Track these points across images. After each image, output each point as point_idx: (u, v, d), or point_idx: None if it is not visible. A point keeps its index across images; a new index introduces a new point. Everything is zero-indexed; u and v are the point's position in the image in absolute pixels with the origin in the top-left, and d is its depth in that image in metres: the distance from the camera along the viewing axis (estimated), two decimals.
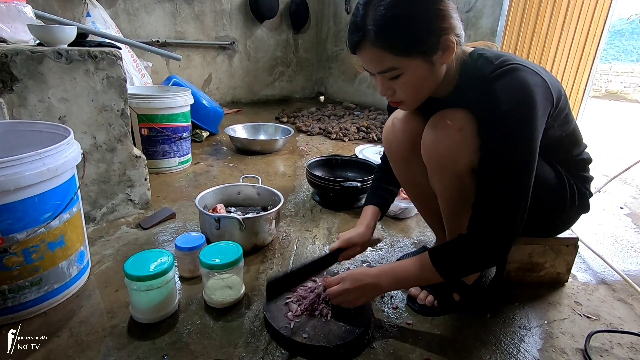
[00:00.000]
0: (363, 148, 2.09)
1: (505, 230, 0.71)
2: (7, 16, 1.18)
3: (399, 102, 0.78)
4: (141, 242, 1.16)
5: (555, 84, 0.75)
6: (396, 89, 0.74)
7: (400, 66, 0.69)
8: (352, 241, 0.92)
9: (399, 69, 0.70)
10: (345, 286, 0.80)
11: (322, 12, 4.12)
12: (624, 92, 7.48)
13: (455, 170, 0.77)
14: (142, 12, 3.12)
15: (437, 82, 0.75)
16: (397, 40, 0.66)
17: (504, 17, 2.44)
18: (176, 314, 0.86)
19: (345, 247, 0.92)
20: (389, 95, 0.76)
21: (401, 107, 0.81)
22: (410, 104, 0.78)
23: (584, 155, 0.90)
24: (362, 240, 0.93)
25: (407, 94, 0.74)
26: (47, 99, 1.07)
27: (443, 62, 0.72)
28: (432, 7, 0.66)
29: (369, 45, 0.68)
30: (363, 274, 0.81)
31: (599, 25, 2.58)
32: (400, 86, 0.73)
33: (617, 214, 1.56)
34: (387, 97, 0.78)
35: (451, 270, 0.75)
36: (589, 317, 0.92)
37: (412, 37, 0.67)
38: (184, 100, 1.75)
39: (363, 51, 0.70)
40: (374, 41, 0.67)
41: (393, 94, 0.75)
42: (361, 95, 3.79)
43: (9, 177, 0.70)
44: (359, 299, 0.80)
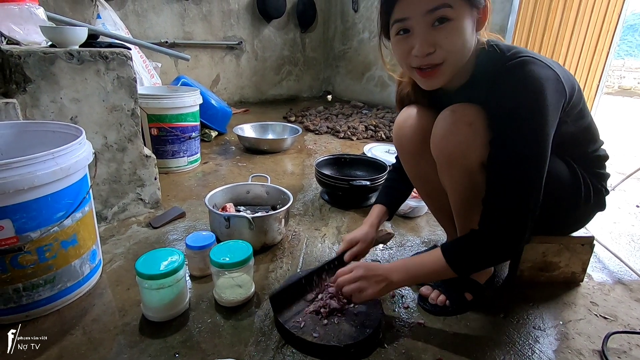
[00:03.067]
0: (372, 146, 2.07)
1: (517, 224, 0.70)
2: (20, 18, 1.20)
3: (434, 68, 0.70)
4: (152, 241, 1.17)
5: (568, 77, 0.74)
6: (440, 41, 0.67)
7: (455, 5, 0.65)
8: (355, 240, 0.93)
9: (453, 8, 0.65)
10: (358, 273, 0.79)
11: (329, 11, 4.11)
12: (637, 89, 7.32)
13: (465, 166, 0.76)
14: (151, 13, 3.15)
15: (469, 54, 0.71)
16: None
17: (515, 13, 2.40)
18: (187, 312, 0.86)
19: (349, 247, 0.93)
20: (428, 53, 0.68)
21: (432, 76, 0.72)
22: (447, 68, 0.70)
23: (600, 152, 0.88)
24: (366, 238, 0.94)
25: (452, 46, 0.67)
26: (59, 99, 1.08)
27: (478, 28, 0.71)
28: None
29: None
30: (375, 265, 0.82)
31: (612, 20, 2.52)
32: (447, 35, 0.66)
33: (633, 213, 1.53)
34: (422, 60, 0.69)
35: (464, 266, 0.74)
36: (605, 317, 0.90)
37: None
38: (192, 100, 1.76)
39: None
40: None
41: (433, 51, 0.68)
42: (369, 93, 3.77)
43: (23, 176, 0.71)
44: (369, 290, 0.78)
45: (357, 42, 3.82)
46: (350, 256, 0.92)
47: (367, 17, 3.63)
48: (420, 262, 0.79)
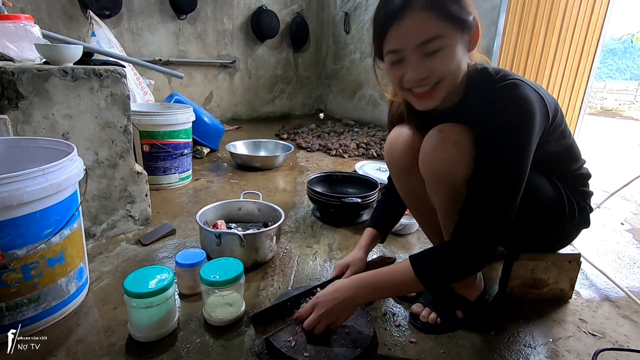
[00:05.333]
0: (363, 164, 2.10)
1: (486, 238, 0.71)
2: (16, 35, 1.21)
3: (432, 89, 0.72)
4: (141, 258, 1.15)
5: (551, 100, 0.77)
6: (433, 68, 0.69)
7: (445, 35, 0.66)
8: (345, 265, 0.95)
9: (445, 37, 0.66)
10: (320, 312, 0.77)
11: (321, 32, 4.22)
12: (619, 109, 7.58)
13: (451, 182, 0.78)
14: (146, 31, 3.19)
15: (461, 75, 0.73)
16: (449, 2, 0.66)
17: (500, 37, 2.50)
18: (175, 332, 0.84)
19: (341, 272, 0.95)
20: (424, 77, 0.70)
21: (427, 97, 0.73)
22: (441, 90, 0.72)
23: (582, 170, 0.91)
24: (356, 261, 0.95)
25: (446, 70, 0.69)
26: (52, 115, 1.08)
27: (469, 50, 0.72)
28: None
29: (418, 9, 0.65)
30: (335, 291, 0.78)
31: (592, 44, 2.64)
32: (440, 63, 0.68)
33: (618, 230, 1.56)
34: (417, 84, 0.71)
35: (431, 277, 0.74)
36: (594, 334, 0.91)
37: (460, 3, 0.67)
38: (185, 117, 1.77)
39: (407, 18, 0.66)
40: (425, 3, 0.65)
41: (428, 75, 0.70)
42: (360, 112, 3.84)
43: (12, 192, 0.71)
44: (339, 318, 0.78)
45: (349, 62, 3.91)
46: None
47: (359, 38, 3.73)
48: (388, 274, 0.78)
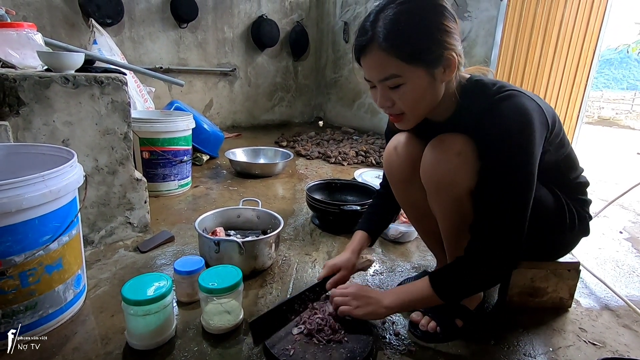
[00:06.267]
0: (362, 172, 2.10)
1: (507, 251, 0.71)
2: (18, 43, 1.22)
3: (398, 116, 0.77)
4: (139, 265, 1.15)
5: (549, 109, 0.78)
6: (396, 100, 0.73)
7: (403, 73, 0.69)
8: (336, 266, 0.95)
9: (401, 76, 0.69)
10: (351, 290, 0.85)
11: (321, 41, 4.26)
12: (616, 119, 7.64)
13: (454, 193, 0.78)
14: (147, 40, 3.22)
15: (436, 100, 0.75)
16: (403, 44, 0.67)
17: (497, 47, 2.53)
18: (173, 340, 0.83)
19: (331, 273, 0.94)
20: (388, 106, 0.75)
21: (400, 121, 0.78)
22: (409, 118, 0.77)
23: (581, 179, 0.91)
24: (347, 264, 0.95)
25: (406, 105, 0.73)
26: (52, 122, 1.09)
27: (444, 80, 0.73)
28: (439, 21, 0.68)
29: (376, 48, 0.68)
30: (369, 288, 0.89)
31: (588, 54, 2.67)
32: (400, 97, 0.72)
33: (617, 239, 1.56)
34: (385, 109, 0.76)
35: (452, 293, 0.75)
36: (594, 344, 0.90)
37: (418, 43, 0.68)
38: (185, 125, 1.78)
39: (368, 55, 0.70)
40: (381, 43, 0.67)
41: (392, 105, 0.74)
42: (359, 120, 3.86)
43: (12, 198, 0.70)
44: (359, 308, 0.82)
45: (348, 70, 3.94)
46: (332, 284, 0.93)
47: None
48: (409, 289, 0.81)
